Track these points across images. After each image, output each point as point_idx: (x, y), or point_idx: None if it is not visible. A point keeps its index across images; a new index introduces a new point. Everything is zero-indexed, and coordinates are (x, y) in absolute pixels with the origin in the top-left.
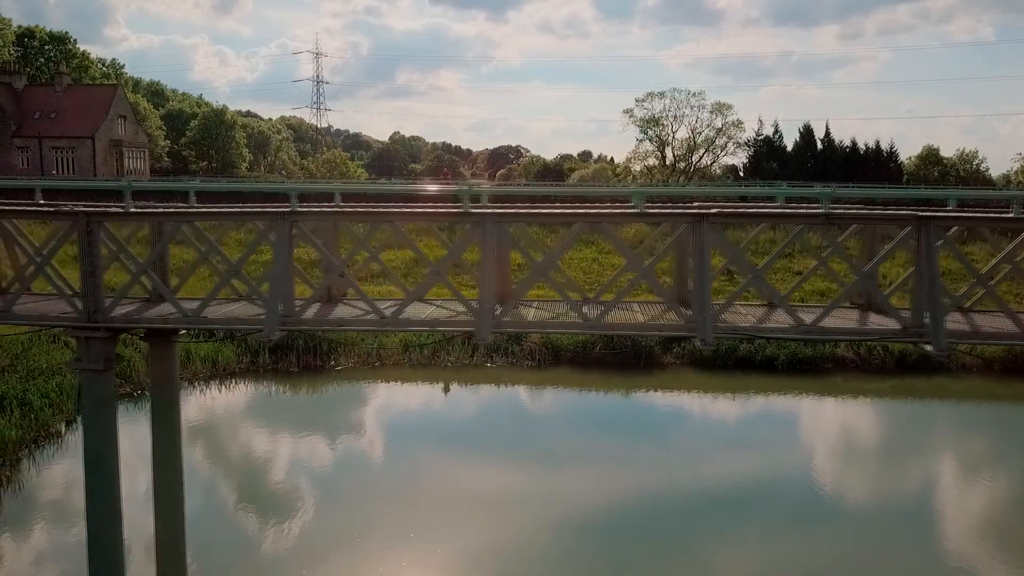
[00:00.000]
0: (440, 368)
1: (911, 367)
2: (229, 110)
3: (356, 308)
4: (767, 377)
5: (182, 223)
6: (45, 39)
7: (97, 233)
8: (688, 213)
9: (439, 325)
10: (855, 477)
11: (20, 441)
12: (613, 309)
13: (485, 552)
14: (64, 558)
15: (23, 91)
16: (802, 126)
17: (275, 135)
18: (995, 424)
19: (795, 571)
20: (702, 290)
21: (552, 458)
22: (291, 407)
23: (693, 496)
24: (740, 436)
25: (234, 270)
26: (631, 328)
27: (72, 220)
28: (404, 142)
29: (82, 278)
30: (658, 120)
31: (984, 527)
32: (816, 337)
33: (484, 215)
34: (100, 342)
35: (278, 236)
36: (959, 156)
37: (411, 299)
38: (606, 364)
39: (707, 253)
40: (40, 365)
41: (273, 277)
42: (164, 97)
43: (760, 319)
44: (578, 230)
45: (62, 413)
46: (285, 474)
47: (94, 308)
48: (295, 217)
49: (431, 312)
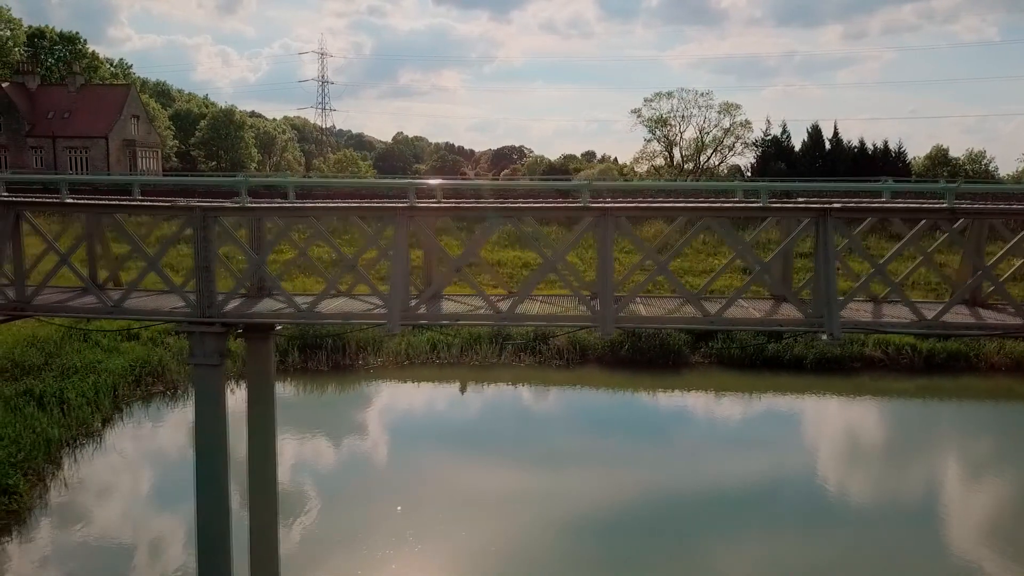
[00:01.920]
0: (468, 367)
1: (938, 366)
2: (238, 110)
3: (463, 304)
4: (795, 376)
5: (298, 218)
6: (55, 39)
7: (212, 227)
8: (812, 208)
9: (555, 320)
10: (873, 479)
11: (62, 440)
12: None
13: (506, 552)
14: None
15: (36, 91)
16: (810, 126)
17: (280, 135)
18: (1021, 424)
19: (827, 571)
20: (828, 288)
21: (569, 458)
22: (318, 406)
23: (712, 496)
24: (759, 437)
25: (349, 265)
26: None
27: (188, 215)
28: (407, 142)
29: (196, 274)
30: (666, 120)
31: (1010, 528)
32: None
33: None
34: (214, 337)
35: (397, 231)
36: (967, 156)
37: (524, 295)
38: (634, 363)
39: (832, 248)
40: (74, 364)
41: (395, 272)
42: (170, 97)
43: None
44: (680, 224)
45: (100, 412)
46: (305, 472)
47: (208, 304)
48: (412, 213)
49: (539, 307)
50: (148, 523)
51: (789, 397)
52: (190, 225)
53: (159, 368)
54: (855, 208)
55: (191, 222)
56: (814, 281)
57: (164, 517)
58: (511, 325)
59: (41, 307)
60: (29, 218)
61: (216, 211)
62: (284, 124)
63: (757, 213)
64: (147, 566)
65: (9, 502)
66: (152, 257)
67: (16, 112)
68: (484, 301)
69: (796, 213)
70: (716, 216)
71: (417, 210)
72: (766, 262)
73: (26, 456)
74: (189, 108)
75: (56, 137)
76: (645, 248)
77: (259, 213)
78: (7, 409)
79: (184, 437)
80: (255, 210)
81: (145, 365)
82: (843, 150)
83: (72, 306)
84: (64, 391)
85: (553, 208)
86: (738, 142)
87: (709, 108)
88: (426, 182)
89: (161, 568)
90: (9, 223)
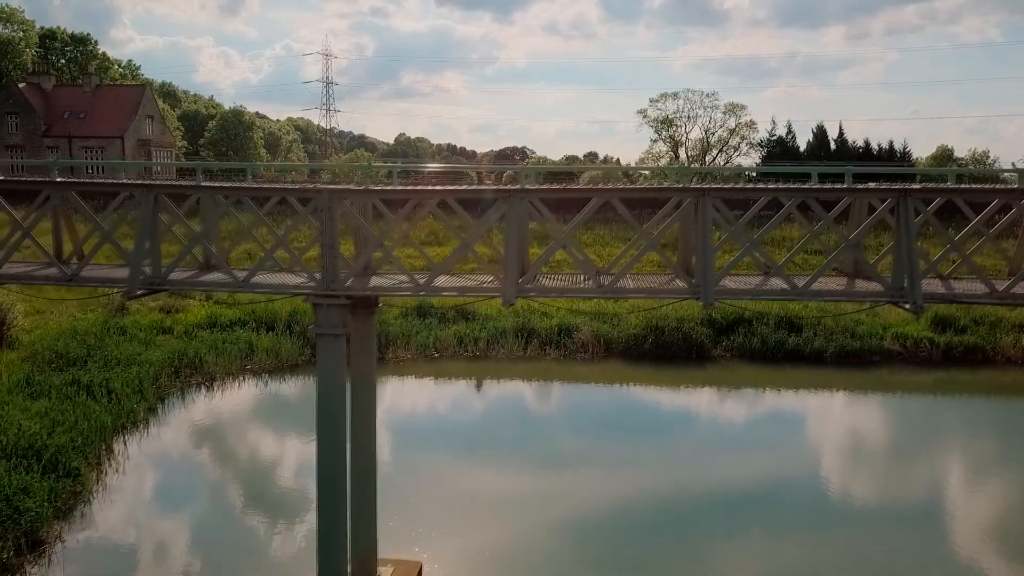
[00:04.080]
0: (494, 360)
1: (957, 360)
2: (247, 111)
3: (564, 281)
4: (815, 370)
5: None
6: (66, 40)
7: (336, 211)
8: (893, 189)
9: (655, 293)
10: (886, 479)
11: (114, 427)
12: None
13: (523, 550)
14: (175, 531)
15: (52, 92)
16: (815, 126)
17: (285, 136)
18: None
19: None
20: (911, 261)
21: (580, 456)
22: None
23: (726, 495)
24: (774, 436)
25: (466, 245)
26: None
27: (315, 197)
28: (410, 143)
29: (322, 251)
30: (672, 121)
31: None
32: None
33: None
34: (338, 309)
35: (510, 211)
36: (971, 156)
37: (624, 272)
38: (657, 357)
39: (912, 225)
40: (115, 355)
41: (508, 249)
42: (176, 98)
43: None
44: (789, 208)
45: (145, 400)
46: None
47: (332, 278)
48: (526, 195)
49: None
50: (204, 502)
51: (807, 392)
52: (318, 206)
53: (196, 360)
54: (930, 189)
55: (319, 204)
56: (895, 255)
57: (218, 499)
58: (612, 297)
59: (176, 282)
60: (167, 203)
61: (340, 194)
62: (288, 125)
63: (840, 194)
64: (207, 541)
65: (74, 484)
66: (280, 236)
67: (32, 112)
68: (587, 270)
69: (879, 193)
70: (806, 196)
71: (527, 192)
72: (850, 238)
73: (84, 441)
74: (196, 109)
75: (72, 137)
76: (733, 228)
77: (371, 195)
78: (60, 398)
79: (225, 426)
80: (369, 192)
81: (183, 357)
82: (848, 150)
83: (204, 280)
84: (109, 381)
85: (651, 189)
86: (743, 143)
87: (715, 109)
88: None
89: (224, 541)
90: (149, 206)
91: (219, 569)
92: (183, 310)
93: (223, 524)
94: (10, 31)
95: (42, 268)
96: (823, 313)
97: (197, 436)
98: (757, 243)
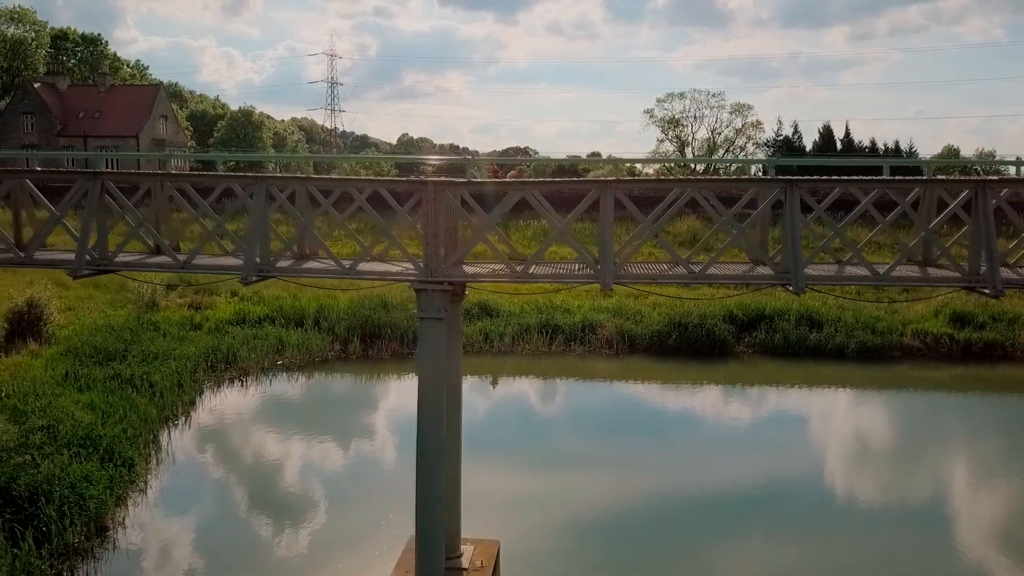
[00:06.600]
0: (519, 355)
1: (976, 355)
2: (256, 111)
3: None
4: (837, 365)
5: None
6: (78, 40)
7: (442, 201)
8: (971, 180)
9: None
10: (901, 479)
11: (159, 419)
12: None
13: (539, 548)
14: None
15: (66, 91)
16: (822, 126)
17: (290, 136)
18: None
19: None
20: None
21: (597, 454)
22: (376, 394)
23: (742, 494)
24: (790, 435)
25: (559, 232)
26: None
27: (421, 189)
28: (413, 143)
29: (426, 240)
30: (678, 121)
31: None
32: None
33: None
34: (440, 294)
35: (604, 201)
36: (978, 156)
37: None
38: (680, 352)
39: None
40: (152, 350)
41: (603, 238)
42: (182, 98)
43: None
44: (871, 199)
45: (185, 393)
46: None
47: (435, 266)
48: (619, 186)
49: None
50: (257, 494)
51: (828, 389)
52: (422, 197)
53: (229, 355)
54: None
55: (425, 195)
56: (971, 243)
57: (269, 484)
58: (702, 283)
59: (287, 269)
60: (277, 192)
61: (445, 185)
62: (292, 125)
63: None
64: (268, 525)
65: (129, 473)
66: (386, 227)
67: (48, 112)
68: (676, 258)
69: (954, 184)
70: (885, 188)
71: (620, 183)
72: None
73: (134, 433)
74: (204, 109)
75: (87, 136)
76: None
77: (466, 187)
78: (105, 391)
79: (266, 419)
80: (473, 184)
81: (216, 352)
82: (854, 150)
83: (310, 268)
84: (150, 374)
85: (740, 180)
86: (749, 142)
87: (721, 108)
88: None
89: (284, 526)
90: (262, 195)
91: (286, 558)
92: (211, 307)
93: (284, 515)
94: (23, 31)
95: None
96: (841, 310)
97: (238, 429)
98: (841, 231)
